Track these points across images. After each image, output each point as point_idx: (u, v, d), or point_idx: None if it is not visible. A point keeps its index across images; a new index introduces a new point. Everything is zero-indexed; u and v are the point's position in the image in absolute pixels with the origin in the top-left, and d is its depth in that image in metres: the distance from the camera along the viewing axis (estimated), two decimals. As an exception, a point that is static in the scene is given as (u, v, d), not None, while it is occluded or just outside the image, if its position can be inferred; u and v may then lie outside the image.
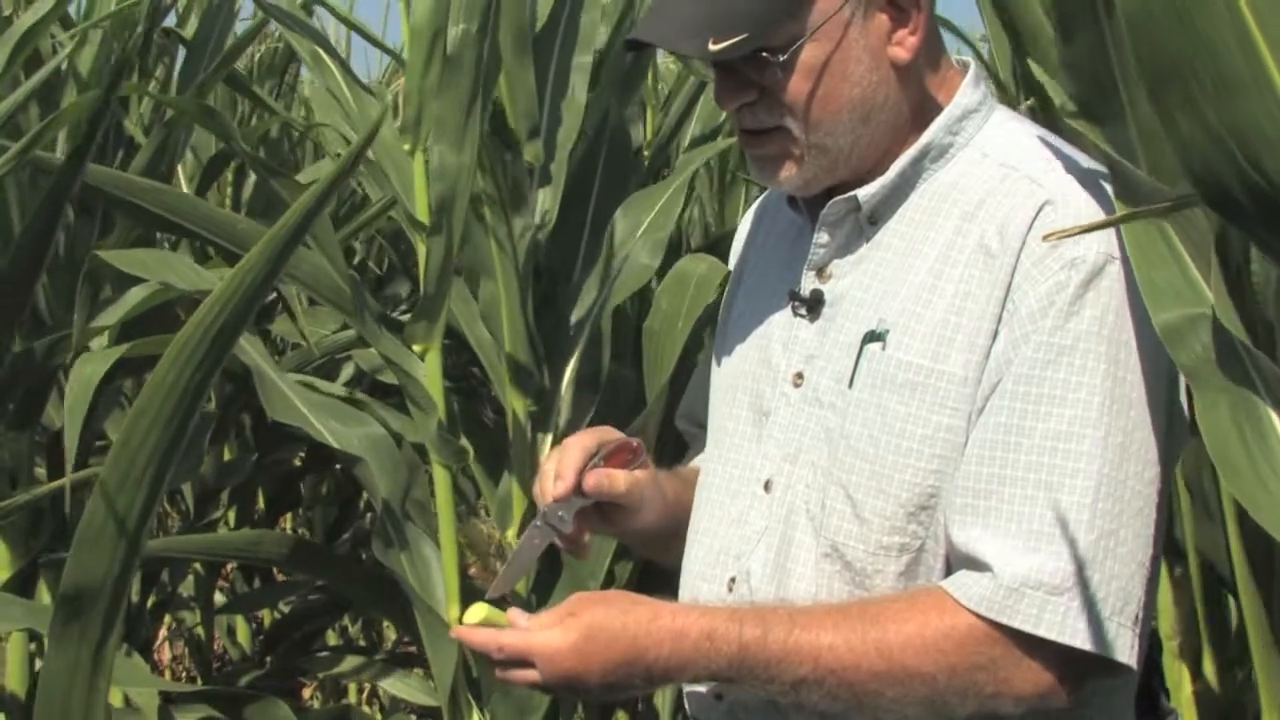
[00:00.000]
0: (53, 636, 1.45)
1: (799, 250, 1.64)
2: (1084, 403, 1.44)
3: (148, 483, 1.33)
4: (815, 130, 1.54)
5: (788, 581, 1.56)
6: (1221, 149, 1.03)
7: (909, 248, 1.55)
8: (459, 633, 1.50)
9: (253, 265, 1.24)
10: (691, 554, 1.68)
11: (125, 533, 1.36)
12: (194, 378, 1.28)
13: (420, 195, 2.48)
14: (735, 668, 1.46)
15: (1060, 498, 1.44)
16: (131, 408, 1.31)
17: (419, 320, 2.47)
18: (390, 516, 2.54)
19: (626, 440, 1.68)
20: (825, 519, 1.54)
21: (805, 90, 1.52)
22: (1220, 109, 1.02)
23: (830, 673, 1.45)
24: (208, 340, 1.26)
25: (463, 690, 2.55)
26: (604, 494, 1.63)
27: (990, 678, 1.44)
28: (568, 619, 1.45)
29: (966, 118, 1.57)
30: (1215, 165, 1.04)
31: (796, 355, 1.61)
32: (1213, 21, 0.99)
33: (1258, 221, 1.07)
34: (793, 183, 1.59)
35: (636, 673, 1.45)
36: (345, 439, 2.59)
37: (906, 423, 1.51)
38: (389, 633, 5.48)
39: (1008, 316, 1.47)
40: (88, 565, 1.38)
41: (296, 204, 1.23)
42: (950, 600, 1.45)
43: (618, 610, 1.46)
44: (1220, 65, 1.00)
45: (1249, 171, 1.02)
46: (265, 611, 4.75)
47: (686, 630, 1.45)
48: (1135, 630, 1.45)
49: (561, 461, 1.64)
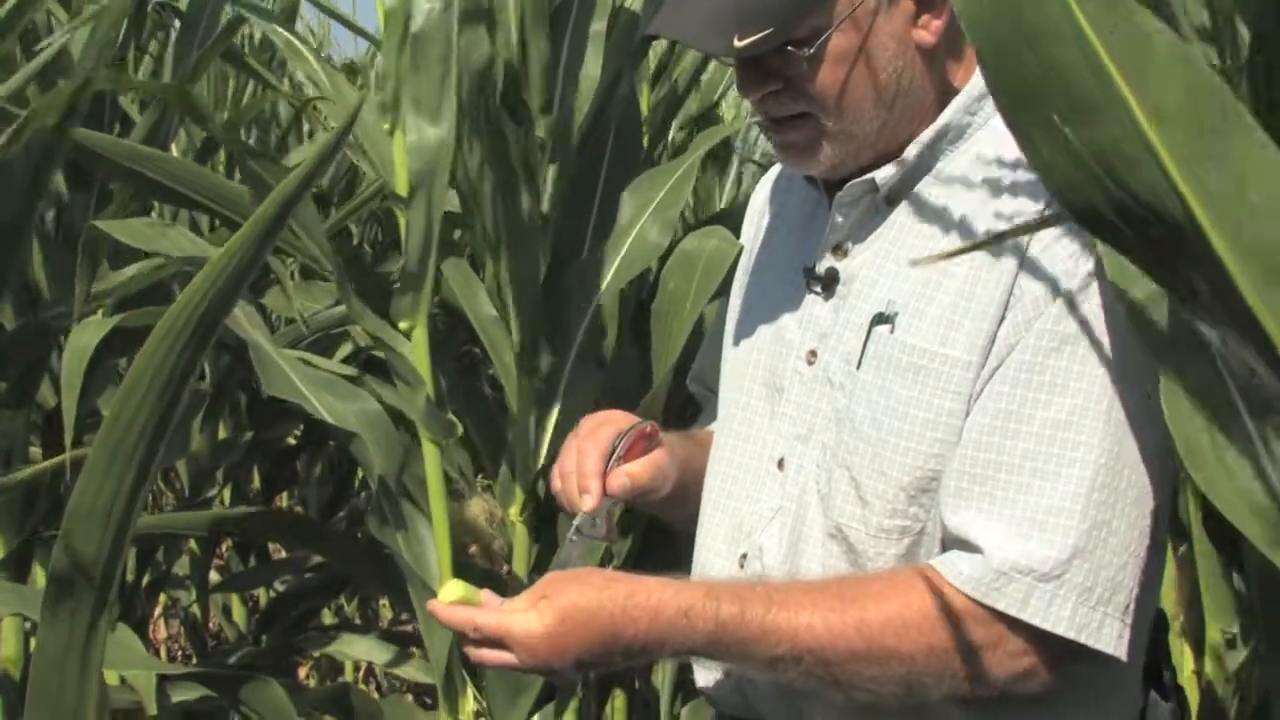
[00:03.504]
0: (45, 616, 1.44)
1: (815, 226, 1.64)
2: (1085, 392, 1.45)
3: (138, 460, 1.32)
4: (841, 118, 1.54)
5: (799, 561, 1.57)
6: (1085, 171, 1.01)
7: (923, 229, 1.55)
8: (434, 609, 1.49)
9: (239, 246, 1.23)
10: (704, 528, 1.69)
11: (116, 511, 1.35)
12: (182, 356, 1.26)
13: (400, 171, 2.47)
14: (712, 645, 1.46)
15: (1055, 486, 1.44)
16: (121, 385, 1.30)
17: (404, 295, 2.46)
18: (386, 493, 2.52)
19: (640, 428, 1.67)
20: (831, 500, 1.55)
21: (831, 80, 1.52)
22: (1079, 132, 1.00)
23: (807, 651, 1.45)
24: (195, 319, 1.25)
25: (457, 668, 2.54)
26: (629, 493, 1.64)
27: (968, 659, 1.45)
28: (541, 601, 1.45)
29: (985, 97, 1.57)
30: (1082, 187, 1.02)
31: (810, 332, 1.61)
32: (1060, 46, 0.98)
33: (1134, 243, 1.05)
34: (818, 168, 1.59)
35: (614, 650, 1.45)
36: (341, 415, 2.57)
37: (909, 406, 1.51)
38: (385, 611, 5.48)
39: (1013, 302, 1.47)
40: (78, 544, 1.37)
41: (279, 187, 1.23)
42: (932, 581, 1.46)
43: (593, 589, 1.45)
44: (1073, 90, 0.98)
45: (1114, 191, 1.00)
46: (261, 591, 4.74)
47: (663, 607, 1.45)
48: (1124, 620, 1.45)
49: (582, 470, 1.63)
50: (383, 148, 2.49)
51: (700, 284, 2.50)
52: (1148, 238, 1.02)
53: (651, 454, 1.68)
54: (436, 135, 2.40)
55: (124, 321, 2.69)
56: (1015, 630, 1.45)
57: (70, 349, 2.65)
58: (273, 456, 4.25)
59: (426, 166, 2.41)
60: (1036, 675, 1.47)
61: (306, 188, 1.29)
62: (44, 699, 1.46)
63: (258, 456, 4.13)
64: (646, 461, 1.66)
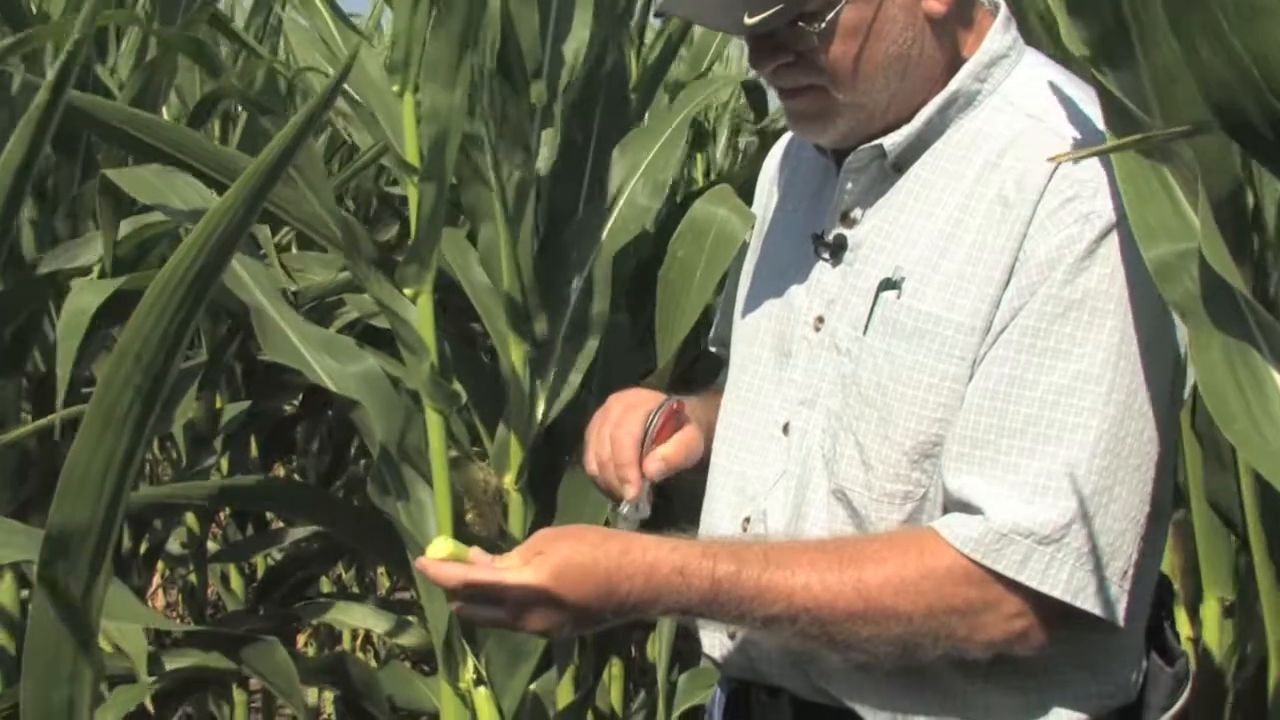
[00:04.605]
0: (40, 581, 1.43)
1: (823, 193, 1.65)
2: (1088, 357, 1.44)
3: (133, 423, 1.30)
4: (852, 90, 1.53)
5: (802, 525, 1.58)
6: (1244, 76, 1.01)
7: (932, 196, 1.55)
8: (423, 565, 1.47)
9: (233, 202, 1.21)
10: (711, 493, 1.70)
11: (111, 474, 1.34)
12: (176, 317, 1.25)
13: (410, 138, 2.44)
14: (707, 603, 1.46)
15: (1058, 451, 1.44)
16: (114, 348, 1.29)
17: (411, 263, 2.44)
18: (386, 460, 2.51)
19: (668, 407, 1.69)
20: (836, 464, 1.55)
21: (842, 53, 1.51)
22: (1244, 33, 1.00)
23: (804, 611, 1.45)
24: (189, 279, 1.23)
25: (457, 636, 2.53)
26: (665, 475, 1.66)
27: (964, 620, 1.45)
28: (536, 558, 1.44)
29: (995, 64, 1.57)
30: (1237, 93, 1.02)
31: (818, 299, 1.61)
32: None
33: (1278, 150, 1.05)
34: (829, 138, 1.60)
35: (608, 608, 1.45)
36: (341, 378, 2.56)
37: (914, 371, 1.51)
38: (383, 580, 5.48)
39: (1019, 266, 1.47)
40: (73, 509, 1.36)
41: (277, 137, 1.20)
42: (931, 541, 1.46)
43: (588, 545, 1.45)
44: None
45: (1270, 99, 1.01)
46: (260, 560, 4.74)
47: (658, 565, 1.45)
48: (1122, 585, 1.46)
49: (619, 460, 1.65)
50: (392, 112, 2.46)
51: (711, 254, 2.47)
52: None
53: (681, 433, 1.70)
54: (449, 102, 2.36)
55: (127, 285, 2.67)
56: (1013, 592, 1.45)
57: (68, 309, 2.63)
58: (270, 426, 4.24)
59: (438, 134, 2.38)
60: (1032, 638, 1.47)
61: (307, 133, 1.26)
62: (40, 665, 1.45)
63: (255, 426, 4.12)
64: (677, 441, 1.68)
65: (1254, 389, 1.17)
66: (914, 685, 1.53)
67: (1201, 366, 1.19)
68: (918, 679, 1.52)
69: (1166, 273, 1.27)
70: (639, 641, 3.95)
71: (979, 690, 1.52)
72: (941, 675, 1.52)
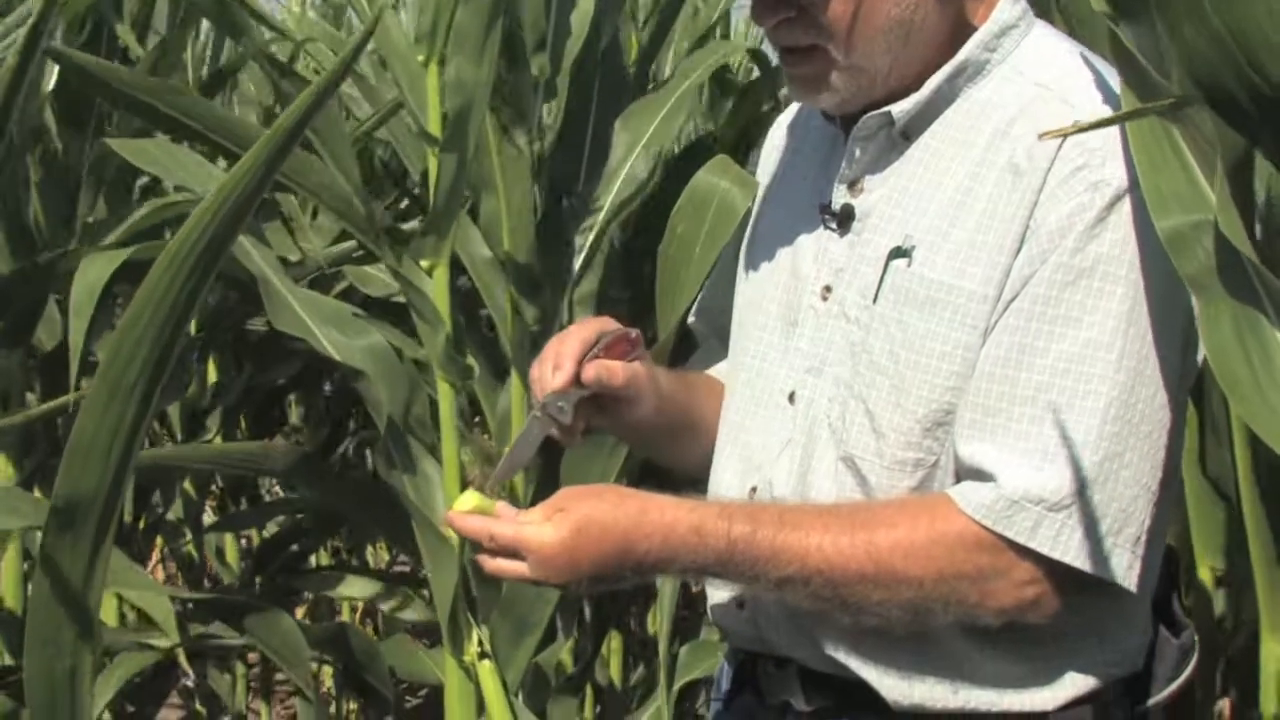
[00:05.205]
0: (44, 551, 1.42)
1: (831, 163, 1.64)
2: (1099, 325, 1.45)
3: (140, 393, 1.29)
4: (851, 51, 1.53)
5: (808, 494, 1.58)
6: (1224, 53, 1.03)
7: (940, 165, 1.55)
8: (451, 518, 1.51)
9: (250, 167, 1.19)
10: (717, 463, 1.70)
11: (117, 445, 1.33)
12: (188, 284, 1.23)
13: (434, 108, 2.42)
14: (722, 563, 1.47)
15: (1068, 419, 1.45)
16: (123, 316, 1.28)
17: (428, 235, 2.42)
18: (393, 432, 2.50)
19: (625, 331, 1.67)
20: (845, 432, 1.56)
21: (844, 12, 1.51)
22: (1224, 13, 1.02)
23: (817, 572, 1.46)
24: (202, 245, 1.22)
25: (462, 609, 2.53)
26: (603, 386, 1.63)
27: (975, 586, 1.46)
28: (558, 514, 1.46)
29: (1005, 34, 1.57)
30: (1218, 70, 1.04)
31: (825, 268, 1.61)
32: None
33: (1261, 126, 1.07)
34: (830, 102, 1.59)
35: (627, 565, 1.47)
36: (347, 351, 2.55)
37: (926, 339, 1.51)
38: (381, 553, 5.48)
39: (1029, 235, 1.47)
40: (79, 477, 1.35)
41: (296, 102, 1.18)
42: (943, 507, 1.47)
43: (608, 504, 1.47)
44: None
45: (1251, 75, 1.03)
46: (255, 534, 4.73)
47: (676, 524, 1.46)
48: (1134, 552, 1.46)
49: (560, 351, 1.63)
50: (416, 81, 2.44)
51: (711, 228, 2.46)
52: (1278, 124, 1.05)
53: (631, 362, 1.67)
54: (476, 74, 2.34)
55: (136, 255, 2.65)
56: (1023, 558, 1.46)
57: (79, 282, 2.62)
58: (266, 398, 4.23)
59: (463, 105, 2.35)
60: (1043, 605, 1.48)
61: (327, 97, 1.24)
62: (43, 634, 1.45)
63: (251, 399, 4.11)
64: (624, 364, 1.65)
65: (1261, 358, 1.17)
66: (922, 654, 1.54)
67: (1210, 336, 1.19)
68: (926, 647, 1.53)
69: (1179, 243, 1.27)
70: (639, 615, 3.95)
71: (987, 658, 1.53)
72: (950, 643, 1.53)
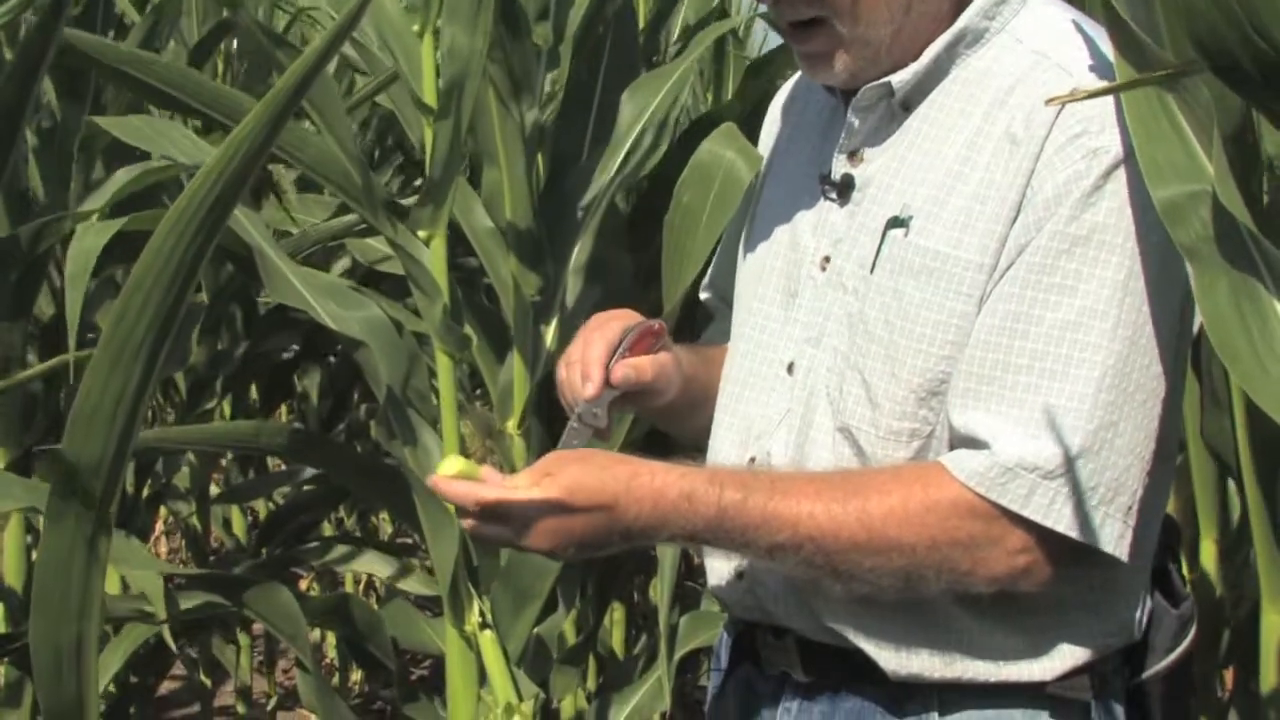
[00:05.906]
0: (48, 521, 1.43)
1: (831, 134, 1.64)
2: (1094, 294, 1.44)
3: (143, 361, 1.29)
4: (855, 23, 1.53)
5: (805, 465, 1.58)
6: (1228, 16, 1.02)
7: (939, 134, 1.55)
8: (435, 483, 1.48)
9: (248, 133, 1.19)
10: (716, 434, 1.69)
11: (120, 414, 1.33)
12: (189, 251, 1.24)
13: (429, 78, 2.41)
14: (712, 530, 1.46)
15: (1063, 387, 1.44)
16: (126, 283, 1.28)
17: (425, 205, 2.42)
18: (393, 404, 2.51)
19: (649, 324, 1.67)
20: (842, 403, 1.55)
21: None
22: None
23: (808, 539, 1.46)
24: (202, 212, 1.22)
25: (463, 579, 2.54)
26: (633, 385, 1.63)
27: (968, 554, 1.46)
28: (545, 479, 1.45)
29: (1004, 2, 1.56)
30: (1221, 33, 1.03)
31: (825, 239, 1.61)
32: None
33: (1264, 90, 1.07)
34: (839, 78, 1.59)
35: (615, 530, 1.45)
36: (345, 323, 2.55)
37: (921, 308, 1.51)
38: (385, 525, 5.50)
39: (1026, 203, 1.47)
40: (82, 447, 1.35)
41: (293, 66, 1.18)
42: (936, 474, 1.47)
43: (596, 468, 1.45)
44: None
45: (1255, 39, 1.02)
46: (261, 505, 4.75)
47: (666, 490, 1.45)
48: (1126, 521, 1.46)
49: (587, 358, 1.63)
50: (411, 51, 2.44)
51: (717, 199, 2.45)
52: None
53: (657, 353, 1.67)
54: (470, 43, 2.34)
55: (130, 226, 2.65)
56: (1016, 526, 1.45)
57: (74, 252, 2.61)
58: (271, 369, 4.24)
59: (458, 74, 2.35)
60: (1034, 573, 1.47)
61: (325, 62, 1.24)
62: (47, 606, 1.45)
63: (255, 369, 4.12)
64: (651, 359, 1.66)
65: (1259, 325, 1.17)
66: (919, 625, 1.53)
67: (1207, 305, 1.19)
68: (923, 618, 1.53)
69: (1176, 214, 1.27)
70: (641, 585, 3.96)
71: (984, 629, 1.53)
72: (946, 613, 1.53)
